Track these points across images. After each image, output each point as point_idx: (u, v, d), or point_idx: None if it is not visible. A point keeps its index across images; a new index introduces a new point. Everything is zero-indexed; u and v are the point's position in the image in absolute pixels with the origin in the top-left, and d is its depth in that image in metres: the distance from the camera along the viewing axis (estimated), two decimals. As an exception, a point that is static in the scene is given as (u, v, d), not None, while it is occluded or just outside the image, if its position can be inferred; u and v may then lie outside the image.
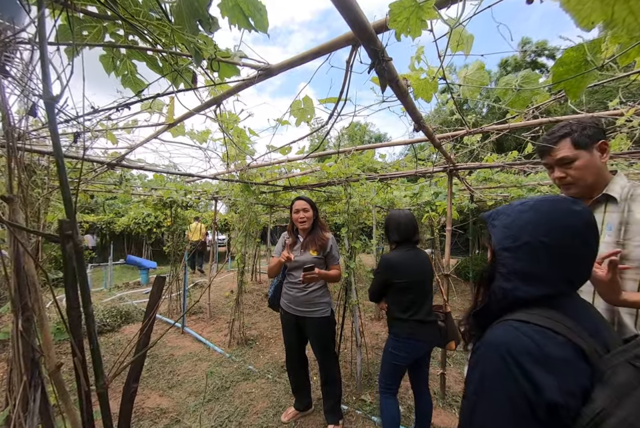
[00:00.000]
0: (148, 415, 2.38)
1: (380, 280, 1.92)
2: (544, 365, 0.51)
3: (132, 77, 1.41)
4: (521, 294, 0.61)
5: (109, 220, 10.93)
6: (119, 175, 3.75)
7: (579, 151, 1.03)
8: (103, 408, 0.54)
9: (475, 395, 0.58)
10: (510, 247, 0.63)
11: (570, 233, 0.60)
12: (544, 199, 0.66)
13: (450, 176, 2.43)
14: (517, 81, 1.05)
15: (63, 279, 0.67)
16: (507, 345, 0.54)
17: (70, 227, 0.56)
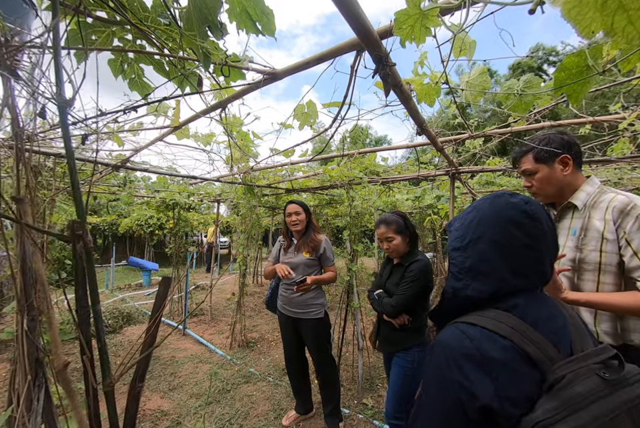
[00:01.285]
0: (149, 417, 2.37)
1: (420, 287, 1.66)
2: (482, 368, 0.50)
3: (139, 80, 1.43)
4: (471, 292, 0.60)
5: (111, 221, 10.98)
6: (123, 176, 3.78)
7: (539, 164, 1.14)
8: (110, 406, 0.54)
9: (420, 393, 0.59)
10: (459, 246, 0.65)
11: (510, 224, 0.61)
12: (485, 198, 0.69)
13: (452, 179, 2.44)
14: (519, 86, 1.07)
15: (73, 278, 0.68)
16: (450, 347, 0.55)
17: (80, 227, 0.57)
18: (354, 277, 2.90)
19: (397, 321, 1.71)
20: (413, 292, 1.65)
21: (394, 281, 1.78)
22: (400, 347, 1.72)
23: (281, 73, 1.01)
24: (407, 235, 1.76)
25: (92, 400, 0.53)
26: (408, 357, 1.68)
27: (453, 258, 0.65)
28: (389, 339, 1.81)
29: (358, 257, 3.01)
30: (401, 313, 1.69)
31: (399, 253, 1.77)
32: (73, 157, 0.59)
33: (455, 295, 0.63)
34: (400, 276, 1.74)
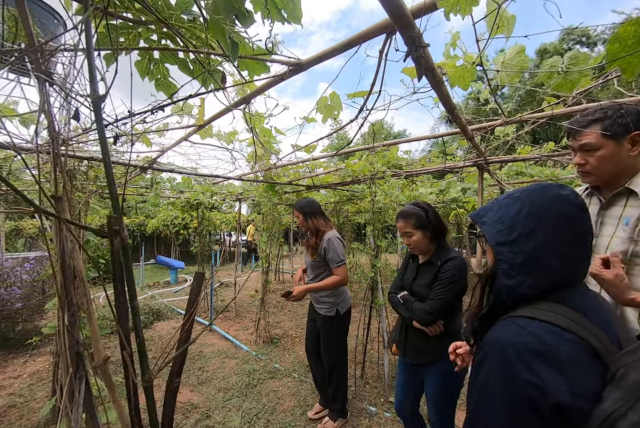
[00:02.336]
0: (180, 410, 2.45)
1: (459, 289, 1.46)
2: (552, 364, 0.47)
3: (164, 80, 1.46)
4: (525, 290, 0.58)
5: (140, 222, 11.46)
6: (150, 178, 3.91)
7: (605, 139, 0.95)
8: (149, 401, 0.54)
9: (479, 394, 0.55)
10: (506, 241, 0.61)
11: (563, 218, 0.58)
12: (530, 189, 0.64)
13: (481, 171, 2.32)
14: (564, 63, 0.98)
15: (108, 276, 0.69)
16: (513, 344, 0.51)
17: (117, 222, 0.57)
18: (378, 273, 2.85)
19: (430, 329, 1.48)
20: (451, 296, 1.43)
21: (423, 282, 1.56)
22: (434, 357, 1.51)
23: (305, 63, 0.98)
24: (429, 229, 1.54)
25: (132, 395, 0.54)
26: (445, 367, 1.45)
27: (501, 253, 0.61)
28: (421, 348, 1.57)
29: (382, 253, 2.95)
30: (436, 320, 1.47)
31: (421, 249, 1.58)
32: (107, 151, 0.59)
33: (510, 293, 0.59)
34: (432, 276, 1.52)
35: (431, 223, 1.53)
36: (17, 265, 3.90)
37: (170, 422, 0.65)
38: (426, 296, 1.51)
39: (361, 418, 2.36)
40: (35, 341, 2.18)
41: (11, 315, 3.47)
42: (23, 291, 3.62)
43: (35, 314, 3.75)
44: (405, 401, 1.70)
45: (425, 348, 1.54)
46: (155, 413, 0.56)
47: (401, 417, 1.75)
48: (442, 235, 1.58)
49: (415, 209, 1.56)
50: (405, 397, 1.70)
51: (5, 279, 3.60)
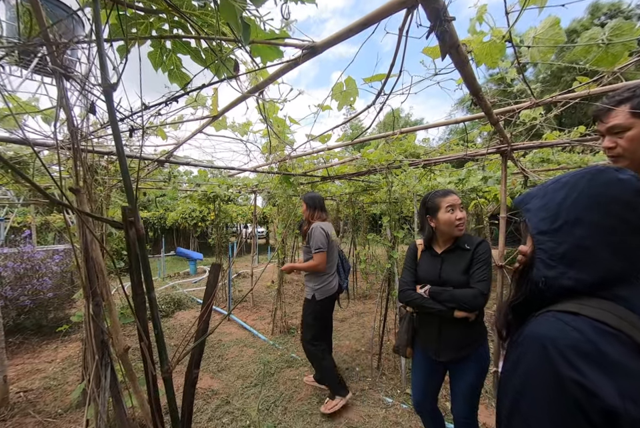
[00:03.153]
0: (201, 395, 2.54)
1: (491, 270, 1.48)
2: (599, 364, 0.43)
3: (177, 71, 1.44)
4: (568, 282, 0.52)
5: (160, 215, 11.82)
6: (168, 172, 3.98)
7: (635, 119, 0.88)
8: (169, 391, 0.55)
9: (517, 394, 0.50)
10: (548, 229, 0.56)
11: (619, 204, 0.51)
12: (580, 172, 0.57)
13: (505, 158, 2.21)
14: (605, 34, 0.88)
15: (127, 266, 0.69)
16: (555, 341, 0.47)
17: (132, 213, 0.56)
18: (395, 264, 2.81)
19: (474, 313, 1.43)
20: (490, 276, 1.44)
21: (458, 269, 1.50)
22: (471, 349, 1.47)
23: (320, 45, 0.93)
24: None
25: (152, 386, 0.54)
26: (481, 356, 1.46)
27: (541, 242, 0.56)
28: (458, 343, 1.49)
29: (399, 244, 2.90)
30: (483, 304, 1.41)
31: (464, 229, 1.58)
32: (120, 141, 0.58)
33: (549, 284, 0.54)
34: (467, 261, 1.49)
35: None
36: (48, 257, 4.11)
37: (190, 412, 0.65)
38: (463, 282, 1.46)
39: (377, 408, 2.37)
40: (65, 328, 2.31)
41: (43, 303, 3.68)
42: (53, 281, 3.83)
43: (65, 303, 3.96)
44: (424, 400, 1.66)
45: (463, 342, 1.48)
46: (174, 403, 0.56)
47: (420, 414, 1.73)
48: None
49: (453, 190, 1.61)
50: (424, 396, 1.66)
51: (37, 270, 3.81)
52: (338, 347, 3.46)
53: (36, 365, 3.01)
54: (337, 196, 5.83)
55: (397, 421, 2.23)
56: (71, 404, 2.36)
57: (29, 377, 2.79)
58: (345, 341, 3.65)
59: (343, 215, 8.40)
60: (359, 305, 5.07)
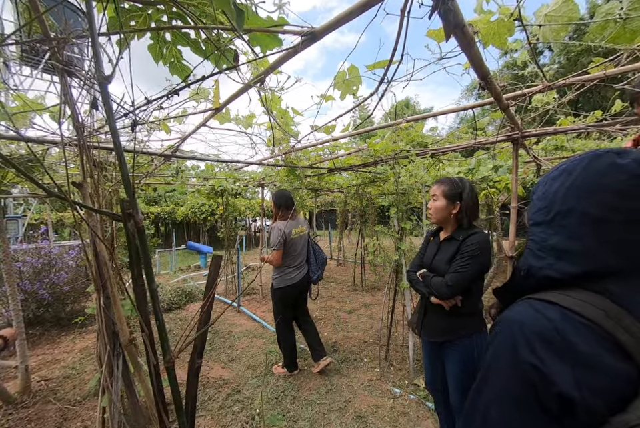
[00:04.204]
0: (212, 384, 2.61)
1: (480, 264, 1.45)
2: (561, 353, 0.42)
3: (178, 63, 1.43)
4: (553, 273, 0.50)
5: (170, 210, 12.01)
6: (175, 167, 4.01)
7: None
8: (171, 381, 0.55)
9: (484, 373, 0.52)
10: (542, 221, 0.54)
11: (611, 193, 0.47)
12: (578, 158, 0.53)
13: (516, 146, 2.13)
14: (623, 9, 0.82)
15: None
16: (522, 325, 0.47)
17: (130, 205, 0.56)
18: (402, 256, 2.78)
19: (447, 302, 1.50)
20: (472, 270, 1.42)
21: (444, 258, 1.55)
22: (451, 335, 1.53)
23: (320, 30, 0.91)
24: (455, 203, 1.53)
25: (154, 375, 0.55)
26: (465, 347, 1.49)
27: (534, 234, 0.55)
28: (438, 326, 1.59)
29: (406, 236, 2.87)
30: (455, 295, 1.47)
31: (438, 218, 1.60)
32: (117, 134, 0.57)
33: (530, 273, 0.53)
34: (453, 251, 1.51)
35: (462, 200, 1.53)
36: (64, 252, 4.25)
37: (193, 401, 0.67)
38: (445, 271, 1.51)
39: (385, 399, 2.39)
40: (80, 320, 2.39)
41: (60, 297, 3.81)
42: (69, 275, 3.95)
43: (82, 296, 4.09)
44: (435, 378, 1.74)
45: (445, 326, 1.55)
46: (178, 393, 0.57)
47: (433, 394, 1.82)
48: (470, 216, 1.54)
49: (454, 180, 1.57)
50: (434, 374, 1.74)
51: (54, 265, 3.94)
52: (346, 339, 3.49)
53: (56, 355, 3.14)
54: (344, 188, 5.79)
55: (404, 411, 2.25)
56: (89, 392, 2.46)
57: (49, 367, 2.92)
58: (353, 332, 3.68)
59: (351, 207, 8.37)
60: (368, 296, 5.09)
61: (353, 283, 5.75)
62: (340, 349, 3.22)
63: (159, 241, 9.54)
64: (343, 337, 3.54)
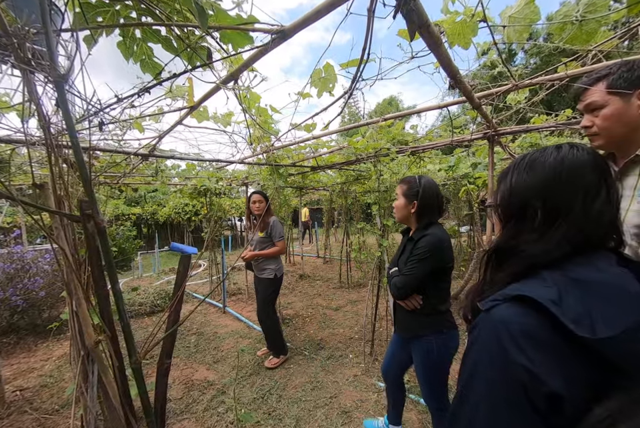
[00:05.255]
0: (197, 386, 2.58)
1: (428, 267, 1.46)
2: (549, 352, 0.44)
3: (149, 61, 1.39)
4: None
5: (152, 211, 11.70)
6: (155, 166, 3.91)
7: (611, 96, 0.87)
8: (138, 382, 0.55)
9: (470, 372, 0.51)
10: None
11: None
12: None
13: (491, 143, 2.20)
14: (579, 11, 0.86)
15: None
16: (505, 323, 0.47)
17: (89, 206, 0.55)
18: (385, 252, 2.82)
19: (406, 303, 1.53)
20: (420, 272, 1.45)
21: (404, 258, 1.56)
22: (413, 333, 1.57)
23: (290, 28, 0.90)
24: (413, 202, 1.54)
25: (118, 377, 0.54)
26: (424, 346, 1.52)
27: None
28: (403, 322, 1.66)
29: (389, 233, 2.91)
30: (407, 296, 1.51)
31: (399, 217, 1.64)
32: (74, 133, 0.56)
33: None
34: (408, 252, 1.54)
35: (418, 198, 1.53)
36: (39, 256, 4.07)
37: (163, 402, 0.66)
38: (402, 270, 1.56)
39: (370, 393, 2.43)
40: (55, 326, 2.31)
41: (36, 303, 3.65)
42: (45, 280, 3.79)
43: (59, 302, 3.94)
44: (389, 368, 1.85)
45: (410, 323, 1.59)
46: (146, 394, 0.57)
47: (385, 381, 1.92)
48: (429, 216, 1.56)
49: (412, 179, 1.59)
50: (390, 365, 1.84)
51: (28, 269, 3.77)
52: (332, 336, 3.52)
53: (32, 364, 3.02)
54: (329, 186, 5.81)
55: (389, 404, 2.29)
56: (68, 400, 2.39)
57: (25, 376, 2.80)
58: (339, 329, 3.71)
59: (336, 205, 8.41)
60: (354, 293, 5.13)
61: (339, 281, 5.79)
62: (326, 346, 3.25)
63: (142, 243, 9.30)
64: (329, 334, 3.57)
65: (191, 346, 3.37)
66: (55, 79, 0.59)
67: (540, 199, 0.55)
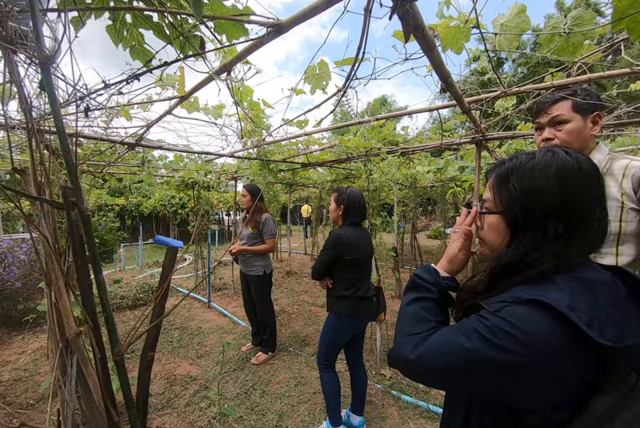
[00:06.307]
0: (179, 381, 2.55)
1: (329, 257, 1.85)
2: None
3: (140, 47, 1.36)
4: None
5: (137, 202, 11.41)
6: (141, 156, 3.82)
7: (575, 114, 1.01)
8: (120, 375, 0.54)
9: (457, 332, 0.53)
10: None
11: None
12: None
13: (479, 147, 2.25)
14: (567, 24, 0.89)
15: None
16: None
17: (74, 193, 0.54)
18: (372, 251, 2.86)
19: (320, 283, 1.98)
20: (323, 260, 1.86)
21: None
22: (328, 308, 1.96)
23: (286, 23, 0.90)
24: (340, 207, 1.90)
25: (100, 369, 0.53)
26: (328, 319, 1.93)
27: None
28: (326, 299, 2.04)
29: (377, 231, 2.95)
30: (320, 278, 1.94)
31: (332, 218, 2.01)
32: (60, 117, 0.54)
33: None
34: None
35: (344, 204, 1.88)
36: (16, 245, 3.91)
37: (145, 395, 0.66)
38: None
39: (352, 388, 2.46)
40: (31, 318, 2.24)
41: (12, 294, 3.52)
42: (21, 271, 3.66)
43: (36, 293, 3.81)
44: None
45: (327, 300, 2.00)
46: (128, 387, 0.56)
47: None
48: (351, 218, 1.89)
49: (342, 189, 1.94)
50: None
51: (3, 259, 3.62)
52: (317, 332, 3.54)
53: (5, 357, 2.92)
54: (318, 183, 5.81)
55: (370, 400, 2.33)
56: (44, 395, 2.32)
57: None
58: (324, 325, 3.74)
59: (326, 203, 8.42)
60: (340, 291, 5.17)
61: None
62: (311, 343, 3.27)
63: (125, 235, 9.08)
64: (314, 331, 3.59)
65: (174, 340, 3.33)
66: (40, 61, 0.57)
67: (565, 209, 0.52)
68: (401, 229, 5.85)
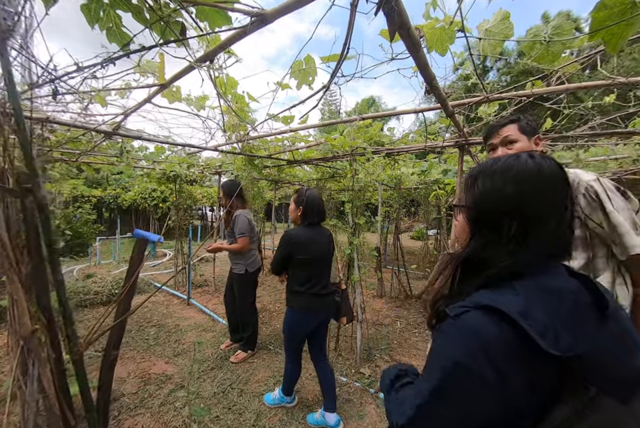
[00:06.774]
0: (154, 381, 2.48)
1: (282, 254, 1.94)
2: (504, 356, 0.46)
3: (117, 30, 1.29)
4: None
5: (116, 194, 11.00)
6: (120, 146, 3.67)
7: (522, 135, 1.14)
8: (78, 375, 0.51)
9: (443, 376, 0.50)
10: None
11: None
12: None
13: (461, 151, 2.30)
14: (547, 32, 0.92)
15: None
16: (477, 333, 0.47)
17: (30, 179, 0.50)
18: (355, 250, 2.87)
19: (279, 278, 2.13)
20: (277, 256, 1.98)
21: None
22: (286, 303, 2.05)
23: (270, 13, 0.87)
24: (300, 207, 1.97)
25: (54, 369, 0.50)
26: (286, 313, 2.03)
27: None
28: None
29: (360, 231, 2.96)
30: (278, 273, 2.06)
31: (291, 218, 2.08)
32: (16, 95, 0.50)
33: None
34: None
35: (303, 205, 1.95)
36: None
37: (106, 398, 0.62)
38: None
39: (330, 387, 2.47)
40: (-7, 312, 2.10)
41: (-27, 287, 3.32)
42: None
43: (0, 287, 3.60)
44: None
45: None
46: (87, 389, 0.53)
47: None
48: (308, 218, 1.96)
49: (302, 190, 2.01)
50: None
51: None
52: (297, 330, 3.52)
53: (-36, 353, 2.75)
54: (304, 181, 5.78)
55: (349, 398, 2.35)
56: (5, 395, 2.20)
57: (-47, 367, 2.54)
58: (304, 324, 3.73)
59: (311, 202, 8.39)
60: (322, 289, 5.17)
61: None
62: (289, 341, 3.25)
63: (102, 228, 8.74)
64: (294, 329, 3.57)
65: (150, 338, 3.23)
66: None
67: (518, 210, 0.53)
68: (385, 229, 5.92)
